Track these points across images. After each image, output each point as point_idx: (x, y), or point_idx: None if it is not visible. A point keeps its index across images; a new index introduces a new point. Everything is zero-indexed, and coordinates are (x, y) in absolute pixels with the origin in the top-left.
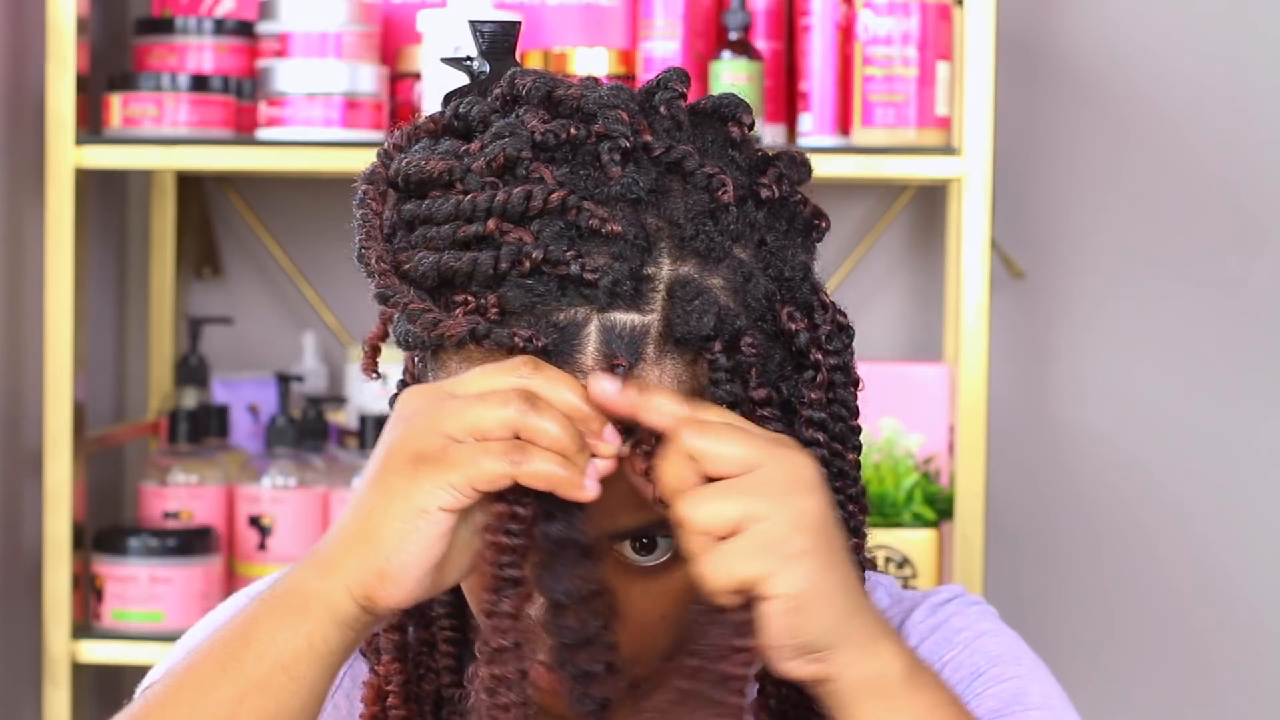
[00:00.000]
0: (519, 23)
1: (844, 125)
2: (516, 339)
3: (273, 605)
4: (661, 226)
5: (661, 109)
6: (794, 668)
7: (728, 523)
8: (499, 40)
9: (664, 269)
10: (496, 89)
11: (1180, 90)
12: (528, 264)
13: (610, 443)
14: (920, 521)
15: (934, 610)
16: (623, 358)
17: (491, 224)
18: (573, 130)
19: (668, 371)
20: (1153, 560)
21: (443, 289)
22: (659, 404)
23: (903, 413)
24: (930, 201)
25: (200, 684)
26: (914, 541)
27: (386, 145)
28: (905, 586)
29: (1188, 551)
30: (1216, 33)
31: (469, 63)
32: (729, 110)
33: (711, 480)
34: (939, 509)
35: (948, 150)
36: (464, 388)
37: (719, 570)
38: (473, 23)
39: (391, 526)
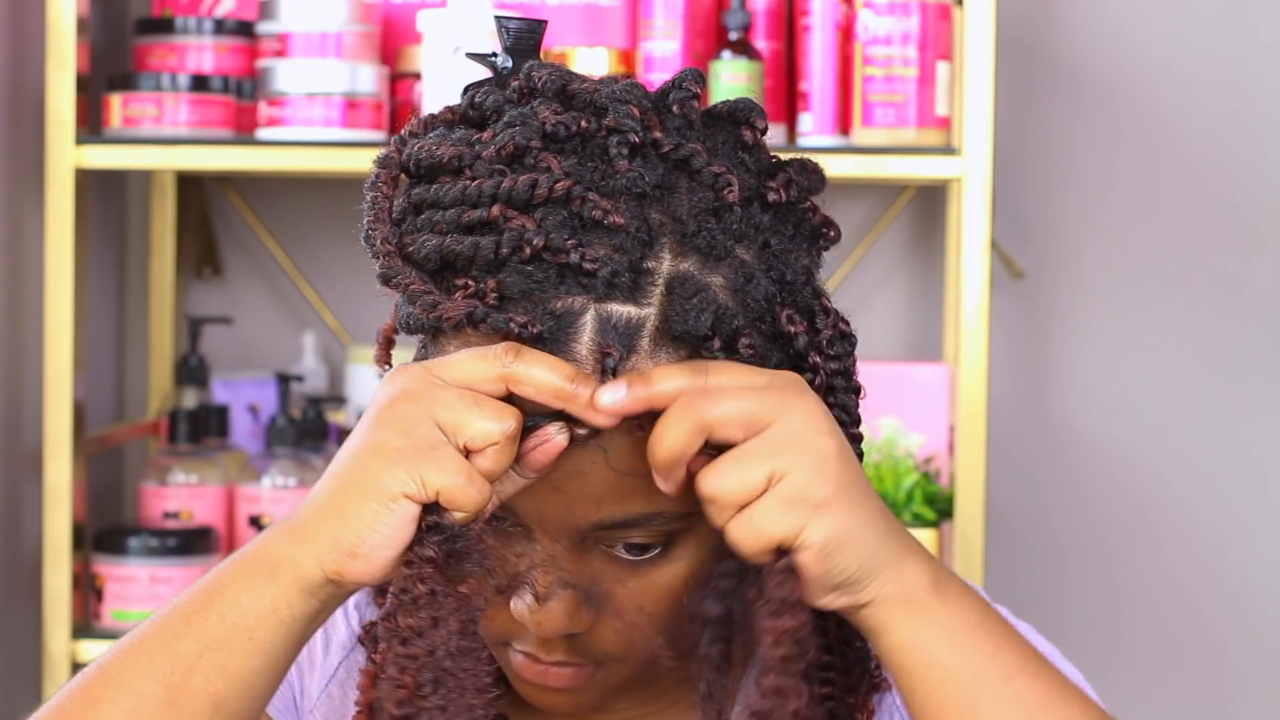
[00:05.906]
0: (545, 22)
1: (844, 125)
2: (513, 324)
3: (241, 566)
4: (664, 222)
5: (674, 108)
6: (829, 601)
7: (754, 488)
8: (524, 37)
9: (664, 264)
10: (514, 81)
11: (1180, 91)
12: (528, 250)
13: (604, 409)
14: (920, 521)
15: None
16: (615, 348)
17: (495, 210)
18: (583, 123)
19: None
20: (1153, 559)
21: (444, 272)
22: (664, 385)
23: (903, 413)
24: (930, 201)
25: (163, 637)
26: None
27: (404, 132)
28: None
29: (1188, 551)
30: (1215, 33)
31: (493, 58)
32: (743, 114)
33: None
34: (939, 509)
35: (948, 150)
36: (452, 372)
37: (751, 536)
38: (499, 18)
39: (367, 507)
